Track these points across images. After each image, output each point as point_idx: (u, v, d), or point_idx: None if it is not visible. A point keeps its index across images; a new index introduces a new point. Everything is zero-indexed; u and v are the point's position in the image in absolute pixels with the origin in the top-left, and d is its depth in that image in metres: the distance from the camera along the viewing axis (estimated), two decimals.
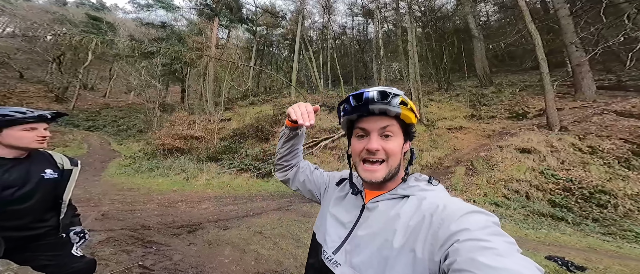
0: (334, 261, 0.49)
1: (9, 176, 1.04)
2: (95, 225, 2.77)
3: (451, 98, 11.67)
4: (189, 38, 15.41)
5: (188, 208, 3.84)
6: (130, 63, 16.86)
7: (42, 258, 1.15)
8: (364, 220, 0.51)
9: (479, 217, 0.40)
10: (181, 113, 11.24)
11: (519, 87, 10.42)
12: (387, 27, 19.19)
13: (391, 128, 0.50)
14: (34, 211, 1.11)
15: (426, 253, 0.40)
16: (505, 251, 0.33)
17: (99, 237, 2.39)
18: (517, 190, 4.44)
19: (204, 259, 2.19)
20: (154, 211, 3.54)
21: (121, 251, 2.11)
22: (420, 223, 0.43)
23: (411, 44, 10.22)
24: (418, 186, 0.50)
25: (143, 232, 2.66)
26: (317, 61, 16.91)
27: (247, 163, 7.34)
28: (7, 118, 1.01)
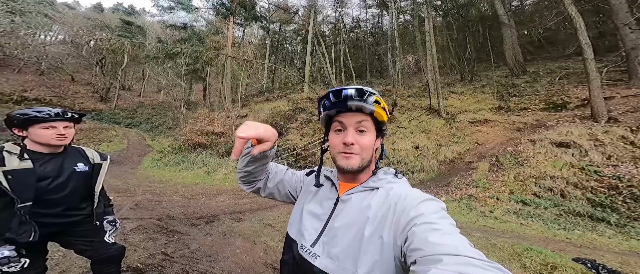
0: (313, 253, 0.51)
1: (44, 168, 1.15)
2: (129, 213, 3.16)
3: (475, 89, 10.78)
4: (207, 38, 16.12)
5: (207, 200, 4.16)
6: (159, 64, 18.25)
7: (80, 243, 1.32)
8: (338, 212, 0.53)
9: (431, 204, 0.46)
10: (203, 110, 12.00)
11: (559, 75, 9.17)
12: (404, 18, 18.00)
13: (365, 124, 0.54)
14: (68, 201, 1.22)
15: (391, 238, 0.45)
16: (448, 231, 0.40)
17: (131, 225, 2.73)
18: (550, 187, 4.05)
19: (218, 249, 2.36)
20: (178, 202, 3.91)
21: (148, 239, 2.39)
22: (387, 211, 0.48)
23: (429, 34, 9.49)
24: (386, 179, 0.55)
25: (167, 221, 2.97)
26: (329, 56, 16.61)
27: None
28: (26, 117, 1.12)
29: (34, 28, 24.22)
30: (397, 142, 7.60)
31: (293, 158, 7.64)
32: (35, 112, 1.12)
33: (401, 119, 9.66)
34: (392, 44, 13.15)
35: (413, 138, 7.73)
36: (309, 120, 10.69)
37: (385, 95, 12.95)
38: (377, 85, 15.05)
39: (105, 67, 22.46)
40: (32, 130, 1.14)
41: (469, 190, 4.51)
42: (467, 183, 4.75)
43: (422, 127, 8.55)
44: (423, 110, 10.09)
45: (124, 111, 19.02)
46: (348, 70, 17.03)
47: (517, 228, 3.27)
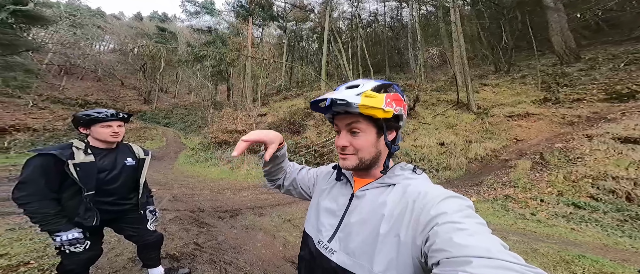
0: (330, 249, 0.52)
1: (102, 162, 1.32)
2: (168, 205, 3.59)
3: (514, 81, 9.72)
4: (229, 40, 16.96)
5: (232, 195, 4.49)
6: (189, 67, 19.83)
7: (129, 229, 1.50)
8: (353, 208, 0.53)
9: (454, 201, 0.43)
10: (227, 109, 12.80)
11: (624, 60, 7.68)
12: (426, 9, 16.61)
13: (357, 125, 0.52)
14: (120, 191, 1.39)
15: (409, 238, 0.43)
16: (475, 231, 0.37)
17: (169, 216, 3.11)
18: (612, 189, 3.53)
19: (241, 241, 2.53)
20: (207, 196, 4.31)
21: (183, 229, 2.71)
22: (404, 209, 0.46)
23: (455, 25, 8.68)
24: (403, 175, 0.53)
25: (199, 214, 3.32)
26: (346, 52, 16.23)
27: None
28: (90, 117, 1.29)
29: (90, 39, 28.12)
30: (420, 139, 7.22)
31: (310, 155, 7.78)
32: (96, 112, 1.30)
33: (424, 115, 9.12)
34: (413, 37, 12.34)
35: (438, 135, 7.29)
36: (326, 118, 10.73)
37: (406, 90, 12.28)
38: (397, 80, 14.34)
39: (146, 71, 25.20)
40: (94, 128, 1.31)
41: (505, 190, 4.15)
42: (503, 183, 4.37)
43: (448, 123, 8.02)
44: (449, 105, 9.43)
45: (163, 111, 21.19)
46: (366, 66, 16.51)
47: (566, 233, 2.93)
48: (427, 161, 6.18)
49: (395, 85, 0.56)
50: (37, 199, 1.15)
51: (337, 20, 18.57)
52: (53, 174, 1.18)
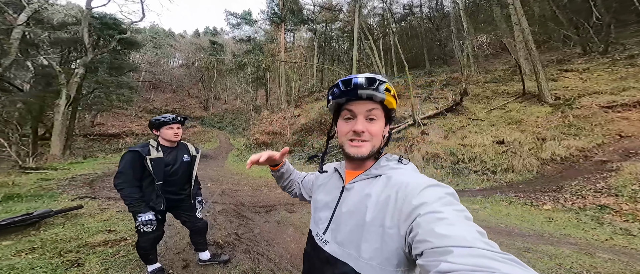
0: (324, 240, 0.54)
1: (168, 158, 1.60)
2: (218, 198, 4.23)
3: (615, 63, 7.71)
4: (265, 46, 18.34)
5: (268, 192, 4.89)
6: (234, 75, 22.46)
7: (184, 216, 1.77)
8: (343, 200, 0.55)
9: (434, 190, 0.44)
10: (265, 113, 13.96)
11: None
12: None
13: (375, 112, 0.53)
14: (179, 183, 1.66)
15: (395, 228, 0.43)
16: (454, 220, 0.37)
17: (218, 208, 3.68)
18: None
19: (273, 235, 2.69)
20: (248, 192, 4.85)
21: (227, 221, 3.16)
22: (387, 199, 0.46)
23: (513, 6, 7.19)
24: (388, 165, 0.54)
25: (240, 208, 3.79)
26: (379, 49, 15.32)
27: (312, 155, 8.23)
28: (158, 121, 1.61)
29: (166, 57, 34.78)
30: (470, 137, 6.31)
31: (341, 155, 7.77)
32: (162, 117, 1.62)
33: (475, 110, 7.91)
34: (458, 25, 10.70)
35: (495, 132, 6.25)
36: None
37: (451, 84, 10.86)
38: (440, 74, 12.78)
39: (204, 81, 29.81)
40: (162, 130, 1.61)
41: (600, 198, 3.37)
42: (597, 190, 3.54)
43: (509, 118, 6.82)
44: (512, 97, 8.03)
45: (216, 116, 24.58)
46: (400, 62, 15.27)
47: None
48: (479, 162, 5.36)
49: None
50: (128, 185, 1.47)
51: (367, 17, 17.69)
52: (138, 166, 1.51)
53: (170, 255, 2.09)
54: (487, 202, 3.86)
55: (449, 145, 6.13)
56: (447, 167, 5.51)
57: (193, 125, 19.47)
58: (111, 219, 2.89)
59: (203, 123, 22.55)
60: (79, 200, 3.58)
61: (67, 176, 5.16)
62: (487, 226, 3.03)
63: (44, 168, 6.05)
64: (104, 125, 18.10)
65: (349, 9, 18.13)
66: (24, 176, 4.81)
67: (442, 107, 8.59)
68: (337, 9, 19.26)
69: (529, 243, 2.52)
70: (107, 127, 17.94)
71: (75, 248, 2.08)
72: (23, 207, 3.18)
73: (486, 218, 3.32)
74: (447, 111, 8.25)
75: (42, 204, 3.37)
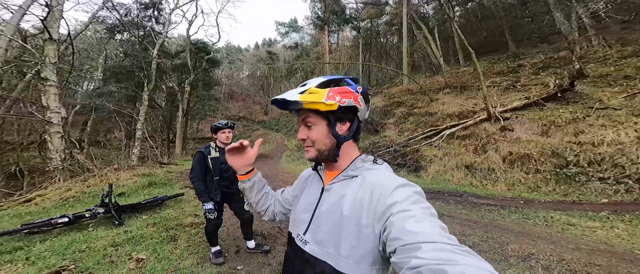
0: (304, 240, 0.55)
1: (222, 157, 1.82)
2: None
3: None
4: (311, 50, 19.13)
5: None
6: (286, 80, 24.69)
7: (235, 207, 2.05)
8: (322, 201, 0.56)
9: (404, 190, 0.46)
10: None
11: None
12: None
13: (309, 120, 0.56)
14: (230, 178, 1.88)
15: (370, 227, 0.45)
16: (421, 217, 0.40)
17: None
18: None
19: None
20: None
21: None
22: (362, 199, 0.48)
23: None
24: (363, 166, 0.55)
25: None
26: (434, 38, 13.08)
27: None
28: (215, 127, 1.89)
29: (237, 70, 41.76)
30: (591, 132, 4.66)
31: (389, 155, 7.20)
32: (218, 123, 1.89)
33: (601, 95, 5.70)
34: None
35: (638, 125, 4.33)
36: (409, 114, 9.47)
37: (552, 66, 8.15)
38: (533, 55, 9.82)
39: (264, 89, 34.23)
40: (218, 134, 1.89)
41: None
42: None
43: None
44: None
45: (274, 120, 27.72)
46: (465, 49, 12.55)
47: None
48: (610, 166, 3.87)
49: (347, 79, 0.58)
50: (197, 179, 1.79)
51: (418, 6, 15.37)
52: (203, 164, 1.82)
53: (229, 240, 2.55)
54: (620, 220, 2.78)
55: (550, 143, 4.76)
56: (546, 171, 4.27)
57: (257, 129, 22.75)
58: (198, 205, 3.85)
59: (264, 126, 25.93)
60: (183, 188, 4.92)
61: (181, 170, 7.18)
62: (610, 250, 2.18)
63: (171, 164, 8.44)
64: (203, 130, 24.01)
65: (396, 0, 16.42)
66: (160, 169, 7.05)
67: (536, 96, 6.54)
68: (383, 3, 17.83)
69: None
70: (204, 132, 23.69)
71: (175, 226, 2.89)
72: (157, 191, 4.66)
73: (610, 239, 2.42)
74: (547, 100, 6.26)
75: (166, 190, 4.81)
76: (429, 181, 5.36)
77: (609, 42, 8.06)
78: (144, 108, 9.35)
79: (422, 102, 10.01)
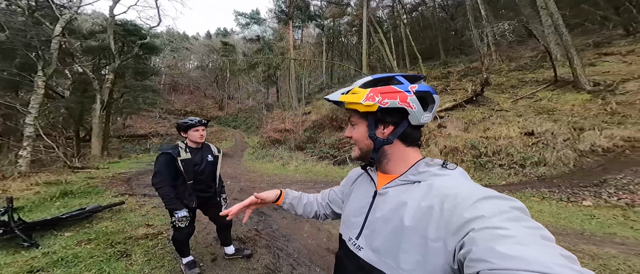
0: (358, 245, 0.52)
1: (195, 157, 1.69)
2: (237, 195, 4.49)
3: None
4: (274, 45, 18.46)
5: (284, 188, 5.16)
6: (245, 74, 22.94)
7: (211, 213, 1.89)
8: (376, 205, 0.52)
9: (494, 203, 0.37)
10: (277, 111, 14.21)
11: None
12: None
13: (352, 119, 0.57)
14: (206, 181, 1.76)
15: (439, 241, 0.39)
16: (525, 239, 0.31)
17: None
18: None
19: (291, 231, 2.77)
20: (265, 189, 4.99)
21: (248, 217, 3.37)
22: (429, 209, 0.42)
23: None
24: (429, 171, 0.49)
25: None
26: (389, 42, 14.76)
27: (325, 152, 8.18)
28: (187, 124, 1.70)
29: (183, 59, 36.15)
30: (493, 129, 6.03)
31: None
32: (189, 120, 1.73)
33: (499, 100, 7.49)
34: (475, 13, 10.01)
35: (523, 123, 5.92)
36: None
37: (470, 74, 10.30)
38: (457, 64, 12.14)
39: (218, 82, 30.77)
40: (189, 132, 1.71)
41: None
42: None
43: (540, 107, 6.48)
44: (542, 85, 7.59)
45: (231, 116, 25.36)
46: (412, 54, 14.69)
47: None
48: (505, 155, 5.11)
49: (399, 77, 0.53)
50: (165, 184, 1.59)
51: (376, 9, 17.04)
52: (171, 167, 1.62)
53: (200, 249, 2.29)
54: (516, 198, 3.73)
55: (469, 137, 5.89)
56: (468, 161, 5.33)
57: (210, 125, 20.39)
58: (148, 214, 3.22)
59: (219, 122, 23.41)
60: (121, 196, 4.00)
61: (108, 175, 5.75)
62: None
63: (89, 168, 6.76)
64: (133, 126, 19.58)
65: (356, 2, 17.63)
66: (74, 175, 5.44)
67: (461, 99, 8.20)
68: (344, 3, 18.77)
69: (566, 242, 2.38)
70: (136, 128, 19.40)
71: (123, 240, 2.37)
72: (76, 202, 3.64)
73: None
74: (467, 103, 7.89)
75: (91, 200, 3.82)
76: None
77: (502, 58, 11.05)
78: (38, 98, 6.87)
79: None
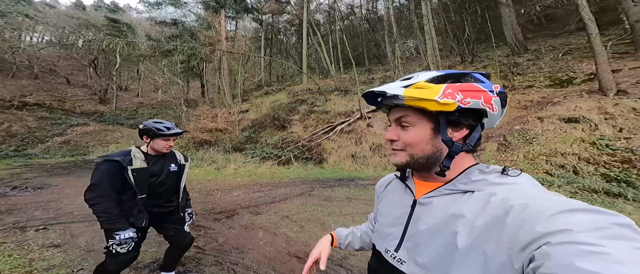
0: (398, 258, 0.48)
1: (154, 168, 1.43)
2: None
3: (477, 70, 11.02)
4: (200, 33, 15.55)
5: (223, 195, 4.24)
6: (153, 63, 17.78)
7: (170, 230, 1.58)
8: (417, 216, 0.47)
9: (588, 216, 0.30)
10: (204, 107, 11.89)
11: (562, 51, 9.06)
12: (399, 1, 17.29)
13: (406, 119, 0.47)
14: (166, 194, 1.50)
15: (503, 258, 0.33)
16: (626, 258, 0.25)
17: None
18: (562, 164, 4.07)
19: (243, 241, 2.45)
20: (197, 198, 4.02)
21: None
22: (489, 223, 0.37)
23: (427, 18, 9.21)
24: (485, 179, 0.43)
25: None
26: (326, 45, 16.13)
27: (268, 152, 7.66)
28: (159, 131, 1.40)
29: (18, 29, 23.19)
30: None
31: (298, 150, 7.70)
32: (165, 127, 1.43)
33: None
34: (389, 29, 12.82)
35: None
36: (310, 111, 10.64)
37: (386, 81, 12.82)
38: (377, 72, 14.86)
39: (98, 68, 21.91)
40: (157, 140, 1.43)
41: None
42: None
43: None
44: None
45: (125, 112, 18.84)
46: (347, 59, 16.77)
47: None
48: None
49: (475, 74, 0.46)
50: (104, 200, 1.26)
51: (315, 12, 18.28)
52: (117, 178, 1.30)
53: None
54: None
55: None
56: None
57: (83, 123, 13.89)
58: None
59: (102, 120, 16.62)
60: None
61: None
62: None
63: None
64: None
65: (296, 1, 18.02)
66: None
67: None
68: (284, 1, 18.74)
69: None
70: None
71: None
72: None
73: None
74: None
75: None
76: (330, 171, 6.34)
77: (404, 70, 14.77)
78: None
79: (319, 100, 11.74)
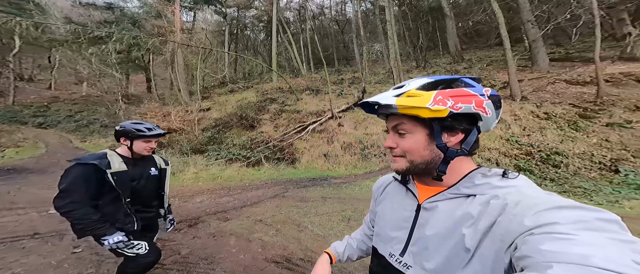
0: (404, 263, 0.49)
1: (134, 171, 1.34)
2: None
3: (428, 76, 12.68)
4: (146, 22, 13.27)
5: (182, 203, 3.65)
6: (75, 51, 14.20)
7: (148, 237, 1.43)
8: (423, 221, 0.48)
9: (575, 212, 0.31)
10: (152, 104, 10.09)
11: (487, 62, 11.23)
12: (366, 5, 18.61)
13: (402, 126, 0.49)
14: (146, 199, 1.43)
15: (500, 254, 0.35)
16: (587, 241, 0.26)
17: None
18: (488, 158, 4.92)
19: (212, 250, 2.18)
20: None
21: None
22: (490, 225, 0.38)
23: (390, 24, 10.12)
24: (488, 183, 0.44)
25: None
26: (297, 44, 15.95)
27: (235, 153, 7.03)
28: (139, 133, 1.30)
29: None
30: (370, 127, 8.04)
31: (269, 150, 7.25)
32: (146, 128, 1.34)
33: None
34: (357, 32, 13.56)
35: (383, 124, 8.45)
36: (281, 111, 10.27)
37: (355, 82, 13.46)
38: (346, 73, 15.48)
39: None
40: (137, 142, 1.33)
41: None
42: None
43: None
44: None
45: (30, 108, 14.52)
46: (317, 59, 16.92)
47: None
48: (376, 147, 6.92)
49: (466, 79, 0.48)
50: (80, 206, 1.19)
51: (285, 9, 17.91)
52: (93, 182, 1.23)
53: None
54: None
55: (357, 134, 7.47)
56: (358, 154, 6.69)
57: None
58: None
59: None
60: None
61: None
62: None
63: None
64: None
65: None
66: None
67: (351, 102, 10.52)
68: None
69: None
70: None
71: None
72: None
73: None
74: (355, 105, 10.23)
75: None
76: (303, 171, 6.20)
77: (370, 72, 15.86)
78: None
79: (291, 100, 11.46)
